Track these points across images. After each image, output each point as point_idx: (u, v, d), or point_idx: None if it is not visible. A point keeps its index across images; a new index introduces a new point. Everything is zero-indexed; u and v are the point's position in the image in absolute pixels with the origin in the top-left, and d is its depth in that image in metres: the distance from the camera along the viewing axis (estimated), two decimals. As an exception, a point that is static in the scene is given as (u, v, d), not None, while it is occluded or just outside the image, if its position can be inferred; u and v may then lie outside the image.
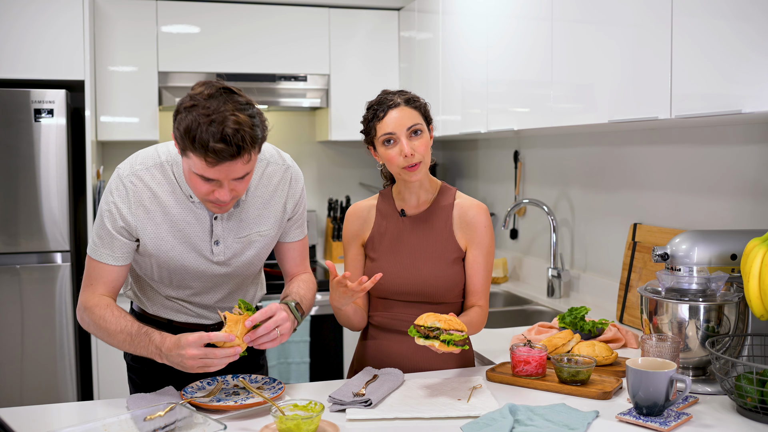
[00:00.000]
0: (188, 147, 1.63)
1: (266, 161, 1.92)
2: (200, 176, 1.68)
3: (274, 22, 4.07)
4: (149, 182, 1.81)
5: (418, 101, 2.00)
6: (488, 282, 2.06)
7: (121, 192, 1.80)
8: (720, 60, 1.90)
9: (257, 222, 1.91)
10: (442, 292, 2.01)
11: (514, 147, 3.74)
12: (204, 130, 1.59)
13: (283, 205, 1.94)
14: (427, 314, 1.80)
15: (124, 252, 1.84)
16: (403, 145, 1.93)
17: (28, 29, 3.47)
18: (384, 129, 1.95)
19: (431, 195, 2.07)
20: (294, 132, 4.56)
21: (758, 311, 1.74)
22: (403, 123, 1.94)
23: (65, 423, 1.67)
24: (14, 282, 3.44)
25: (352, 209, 2.14)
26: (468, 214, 2.04)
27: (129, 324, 1.78)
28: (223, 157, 1.61)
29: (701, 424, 1.65)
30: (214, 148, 1.59)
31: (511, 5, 2.99)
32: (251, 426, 1.63)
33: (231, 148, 1.60)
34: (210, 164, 1.62)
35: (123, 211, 1.80)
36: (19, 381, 3.47)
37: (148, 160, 1.83)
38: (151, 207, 1.81)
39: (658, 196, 2.72)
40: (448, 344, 1.74)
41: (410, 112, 1.96)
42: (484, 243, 2.03)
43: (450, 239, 2.03)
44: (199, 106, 1.61)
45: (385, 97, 1.98)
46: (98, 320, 1.80)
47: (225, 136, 1.59)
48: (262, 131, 1.68)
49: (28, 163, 3.42)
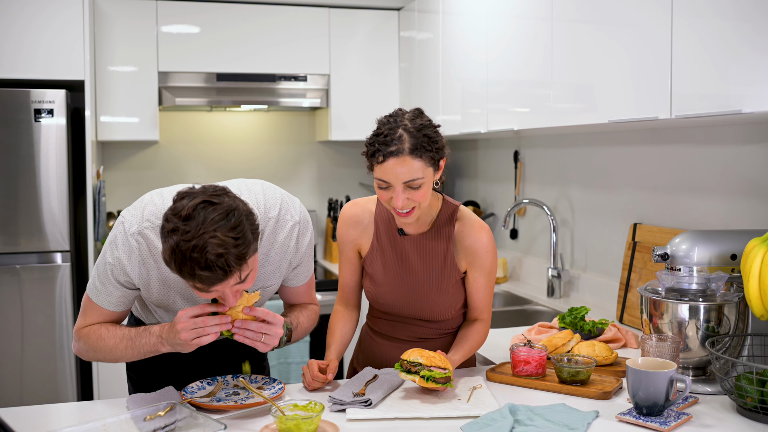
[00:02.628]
0: (176, 271, 1.55)
1: (274, 220, 1.82)
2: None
3: (274, 22, 4.07)
4: (156, 243, 1.70)
5: (427, 144, 1.77)
6: (490, 298, 2.01)
7: (127, 249, 1.71)
8: (720, 60, 1.90)
9: (261, 279, 1.84)
10: (440, 313, 1.99)
11: (514, 147, 3.74)
12: (188, 258, 1.50)
13: (289, 261, 1.87)
14: (413, 349, 1.79)
15: (125, 300, 1.79)
16: (396, 196, 1.78)
17: (28, 29, 3.47)
18: (379, 174, 1.78)
19: (432, 215, 1.96)
20: (294, 132, 4.55)
21: (758, 311, 1.74)
22: (401, 177, 1.76)
23: (65, 423, 1.67)
24: (14, 282, 3.44)
25: (349, 212, 2.03)
26: (468, 239, 1.95)
27: (126, 331, 1.77)
28: (212, 282, 1.54)
29: (701, 424, 1.65)
30: (201, 276, 1.52)
31: (511, 5, 2.99)
32: (251, 426, 1.63)
33: (217, 274, 1.52)
34: (201, 289, 1.58)
35: (127, 269, 1.72)
36: (19, 381, 3.47)
37: (155, 217, 1.71)
38: (157, 265, 1.74)
39: (658, 196, 2.72)
40: (427, 380, 1.74)
41: (412, 164, 1.75)
42: (485, 266, 1.96)
43: (450, 263, 1.96)
44: (178, 231, 1.51)
45: (391, 134, 1.76)
46: (94, 341, 1.78)
47: (208, 263, 1.50)
48: (253, 237, 1.57)
49: (28, 163, 3.42)
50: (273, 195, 1.83)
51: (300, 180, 4.56)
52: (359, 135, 4.20)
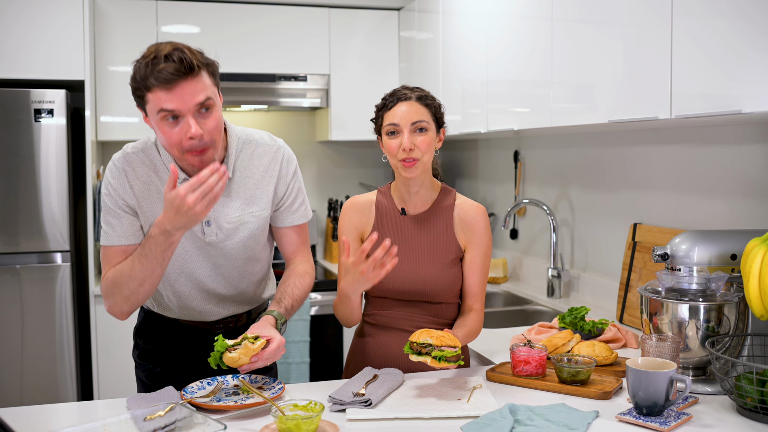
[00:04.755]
0: (143, 89, 1.72)
1: (255, 143, 1.95)
2: (164, 116, 1.71)
3: (274, 22, 4.07)
4: (141, 163, 1.89)
5: (431, 100, 2.00)
6: (484, 284, 2.06)
7: (115, 173, 1.88)
8: (720, 60, 1.90)
9: (249, 202, 1.93)
10: (441, 292, 2.01)
11: (514, 147, 3.74)
12: (149, 62, 1.69)
13: (275, 185, 1.96)
14: (421, 330, 1.80)
15: (134, 230, 1.88)
16: (404, 139, 1.94)
17: (28, 29, 3.48)
18: (389, 119, 1.97)
19: (432, 195, 2.07)
20: (294, 132, 4.55)
21: (758, 311, 1.74)
22: (409, 117, 1.95)
23: (65, 423, 1.67)
24: (14, 282, 3.44)
25: (350, 202, 2.12)
26: (468, 215, 2.04)
27: (135, 250, 1.83)
28: (171, 75, 1.68)
29: (701, 424, 1.65)
30: (163, 68, 1.67)
31: (511, 5, 2.99)
32: (251, 426, 1.63)
33: (176, 64, 1.68)
34: (165, 89, 1.69)
35: (119, 191, 1.86)
36: (19, 381, 3.47)
37: (138, 143, 1.93)
38: (144, 186, 1.87)
39: (658, 196, 2.72)
40: (439, 360, 1.75)
41: (419, 108, 1.97)
42: (483, 244, 2.04)
43: (451, 239, 2.03)
44: (140, 57, 1.73)
45: (400, 90, 2.01)
46: (115, 280, 1.83)
47: (167, 56, 1.68)
48: (206, 56, 1.78)
49: (28, 163, 3.42)
50: (260, 131, 2.01)
51: (300, 180, 4.55)
52: (359, 135, 4.21)
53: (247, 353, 1.72)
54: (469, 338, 1.99)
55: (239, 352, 1.72)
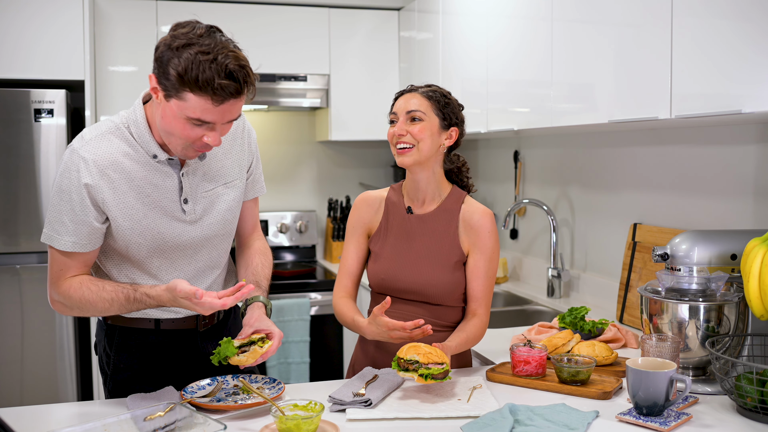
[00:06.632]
0: (188, 87, 1.57)
1: None
2: (194, 120, 1.62)
3: (274, 22, 4.07)
4: (106, 149, 1.71)
5: (436, 94, 2.02)
6: (490, 289, 2.03)
7: (80, 165, 1.68)
8: (720, 60, 1.90)
9: (222, 173, 1.88)
10: (440, 294, 2.00)
11: (514, 147, 3.74)
12: (207, 67, 1.55)
13: (245, 153, 1.93)
14: (409, 345, 1.79)
15: (98, 235, 1.73)
16: (398, 124, 1.98)
17: (28, 29, 3.47)
18: (392, 110, 2.03)
19: (440, 196, 2.06)
20: (294, 132, 4.55)
21: (758, 311, 1.74)
22: (405, 106, 1.99)
23: (65, 423, 1.67)
24: (14, 282, 3.44)
25: (362, 197, 2.14)
26: (473, 219, 2.02)
27: (114, 294, 1.73)
28: (229, 94, 1.58)
29: (701, 424, 1.65)
30: (221, 85, 1.55)
31: (511, 5, 2.99)
32: (251, 426, 1.63)
33: (236, 84, 1.58)
34: (215, 103, 1.59)
35: (89, 184, 1.68)
36: (19, 381, 3.47)
37: (99, 127, 1.74)
38: (113, 175, 1.71)
39: (658, 196, 2.72)
40: (426, 378, 1.74)
41: (420, 99, 2.00)
42: (487, 248, 2.01)
43: (453, 242, 2.01)
44: (195, 45, 1.56)
45: (412, 85, 2.08)
46: (81, 302, 1.74)
47: (231, 72, 1.56)
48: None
49: (28, 163, 3.42)
50: None
51: (300, 180, 4.56)
52: (359, 135, 4.21)
53: (255, 356, 1.73)
54: (467, 345, 1.97)
55: (247, 355, 1.73)
